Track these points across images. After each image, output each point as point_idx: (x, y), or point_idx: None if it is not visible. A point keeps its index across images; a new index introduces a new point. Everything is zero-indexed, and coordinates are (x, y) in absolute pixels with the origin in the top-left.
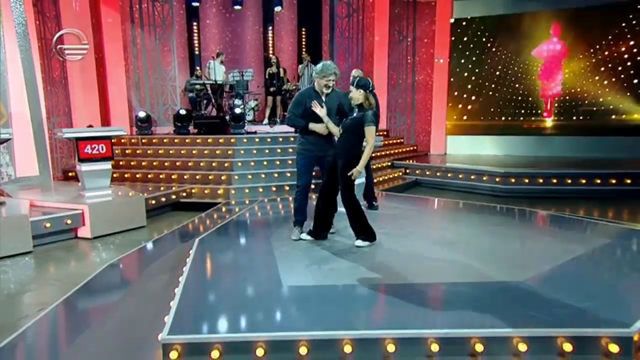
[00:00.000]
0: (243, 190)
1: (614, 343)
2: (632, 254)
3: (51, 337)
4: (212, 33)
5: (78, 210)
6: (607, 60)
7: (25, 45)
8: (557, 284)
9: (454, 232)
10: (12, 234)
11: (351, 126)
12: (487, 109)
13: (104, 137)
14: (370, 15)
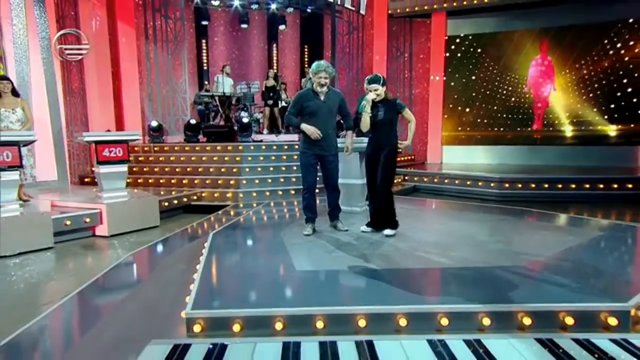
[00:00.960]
0: (251, 194)
1: (612, 316)
2: (622, 243)
3: (79, 316)
4: (219, 50)
5: (96, 210)
6: (591, 75)
7: (48, 58)
8: (555, 267)
9: (453, 227)
10: (35, 230)
11: (387, 118)
12: (480, 120)
13: (121, 141)
14: (369, 32)
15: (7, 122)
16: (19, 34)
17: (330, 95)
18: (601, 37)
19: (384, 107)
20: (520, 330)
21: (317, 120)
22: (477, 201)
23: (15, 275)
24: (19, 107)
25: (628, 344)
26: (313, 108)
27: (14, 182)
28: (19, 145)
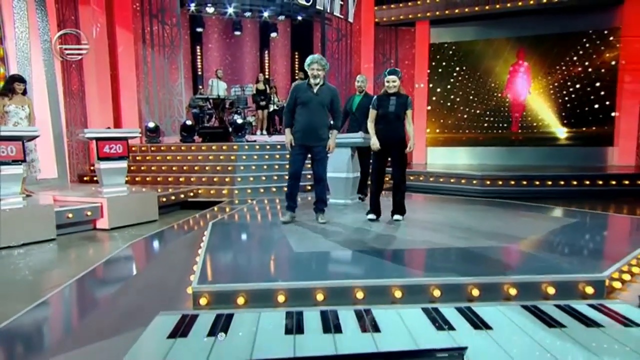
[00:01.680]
0: (245, 191)
1: (589, 286)
2: (596, 227)
3: (89, 294)
4: (213, 56)
5: (97, 204)
6: (563, 80)
7: (49, 60)
8: (536, 246)
9: (441, 215)
10: (38, 222)
11: (398, 111)
12: (462, 123)
13: (121, 137)
14: (357, 39)
15: (17, 118)
16: (21, 36)
17: (323, 90)
18: (572, 45)
19: (396, 100)
20: (507, 300)
21: (307, 111)
22: (461, 197)
23: (21, 263)
24: (27, 105)
25: (604, 308)
26: (305, 99)
27: (17, 176)
28: (23, 140)
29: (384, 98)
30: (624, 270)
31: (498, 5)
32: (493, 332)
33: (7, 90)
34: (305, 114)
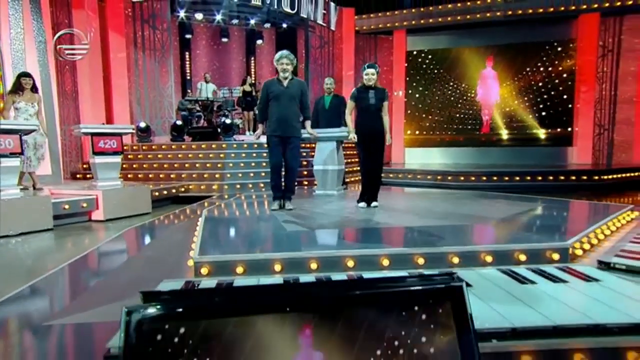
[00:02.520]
0: (234, 186)
1: (555, 253)
2: (559, 209)
3: (92, 269)
4: (202, 62)
5: (92, 196)
6: (528, 86)
7: (44, 61)
8: (509, 224)
9: (420, 203)
10: (35, 212)
11: (377, 104)
12: (436, 125)
13: (115, 133)
14: (339, 46)
15: (26, 114)
16: (16, 37)
17: (293, 83)
18: (535, 54)
19: (375, 93)
20: (483, 266)
21: (279, 104)
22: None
23: (19, 249)
24: (36, 101)
25: (568, 269)
26: (276, 93)
27: (15, 168)
28: (20, 134)
29: (363, 91)
30: (584, 241)
31: (469, 16)
32: (473, 288)
33: (16, 87)
34: (278, 107)
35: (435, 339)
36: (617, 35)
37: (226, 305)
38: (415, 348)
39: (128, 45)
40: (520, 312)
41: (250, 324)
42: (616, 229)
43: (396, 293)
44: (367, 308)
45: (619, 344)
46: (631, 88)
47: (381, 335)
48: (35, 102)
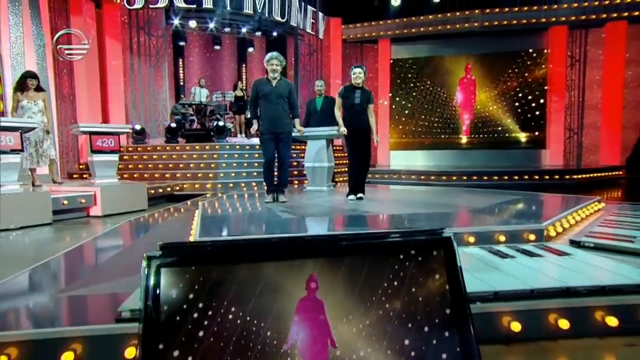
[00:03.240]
0: (228, 185)
1: (532, 234)
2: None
3: (95, 253)
4: (194, 68)
5: (91, 192)
6: (504, 92)
7: (42, 64)
8: (489, 211)
9: (406, 195)
10: (35, 207)
11: (363, 104)
12: (419, 129)
13: (112, 132)
14: (327, 54)
15: (30, 112)
16: (16, 42)
17: (281, 83)
18: (510, 62)
19: (361, 93)
20: (466, 246)
21: (269, 102)
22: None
23: (20, 240)
24: (40, 100)
25: (544, 247)
26: (265, 92)
27: (16, 165)
28: (21, 132)
29: (350, 90)
30: (557, 225)
31: (449, 26)
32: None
33: (20, 86)
34: (268, 105)
35: (429, 282)
36: (583, 47)
37: (238, 253)
38: (412, 288)
39: (124, 50)
40: (501, 280)
41: (261, 270)
42: (585, 217)
43: (394, 242)
44: (367, 255)
45: (587, 303)
46: (597, 95)
47: (381, 278)
48: (39, 100)
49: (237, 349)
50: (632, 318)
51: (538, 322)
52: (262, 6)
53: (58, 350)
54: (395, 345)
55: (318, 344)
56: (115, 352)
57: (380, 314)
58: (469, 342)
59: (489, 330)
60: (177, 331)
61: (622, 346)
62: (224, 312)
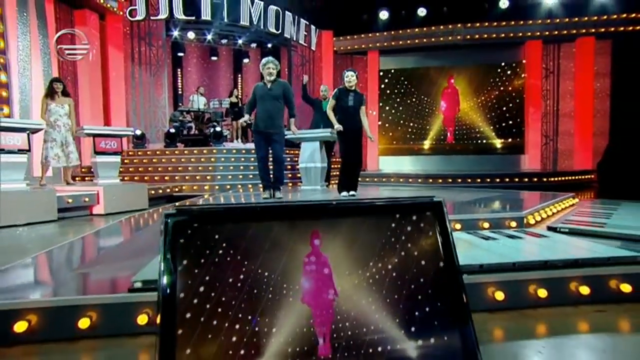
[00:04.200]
0: (225, 187)
1: (513, 221)
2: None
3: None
4: (192, 78)
5: (94, 191)
6: (485, 101)
7: (48, 71)
8: (475, 203)
9: (392, 193)
10: (41, 204)
11: (356, 106)
12: (406, 136)
13: (115, 135)
14: (319, 65)
15: (56, 115)
16: (23, 49)
17: (275, 85)
18: (490, 74)
19: (354, 96)
20: (456, 231)
21: (263, 104)
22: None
23: (26, 234)
24: (66, 104)
25: (523, 230)
26: (261, 94)
27: (23, 164)
28: (28, 132)
29: (344, 92)
30: (536, 215)
31: (433, 39)
32: None
33: (49, 91)
34: (262, 107)
35: (423, 239)
36: (556, 60)
37: (247, 214)
38: (407, 244)
39: (126, 60)
40: (485, 256)
41: (269, 228)
42: (561, 209)
43: (390, 205)
44: (366, 216)
45: (563, 274)
46: (570, 104)
47: (379, 235)
48: (65, 104)
49: (249, 297)
50: (602, 288)
51: (519, 292)
52: (257, 19)
53: (75, 317)
54: (393, 295)
55: (323, 294)
56: (128, 319)
57: (379, 266)
58: (460, 291)
59: (475, 300)
60: (193, 281)
61: (593, 312)
62: (236, 264)
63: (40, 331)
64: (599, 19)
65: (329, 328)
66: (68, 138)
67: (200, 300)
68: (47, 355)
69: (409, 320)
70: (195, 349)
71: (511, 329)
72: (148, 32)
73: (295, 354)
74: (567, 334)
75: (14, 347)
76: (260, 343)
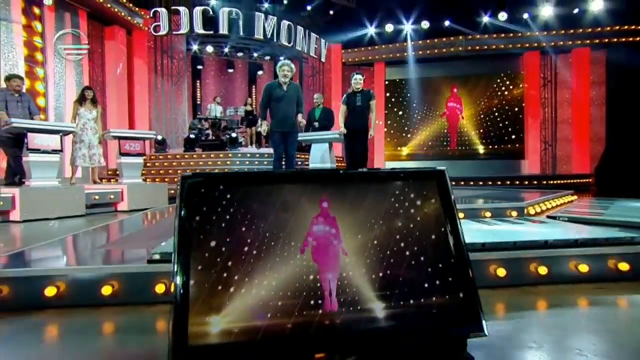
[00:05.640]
0: None
1: (514, 211)
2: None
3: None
4: (210, 89)
5: (119, 189)
6: (486, 109)
7: (80, 81)
8: (478, 196)
9: None
10: (71, 200)
11: (364, 105)
12: (412, 142)
13: (138, 137)
14: (328, 75)
15: (85, 119)
16: (59, 62)
17: (290, 87)
18: (491, 83)
19: (361, 96)
20: None
21: (281, 105)
22: None
23: (59, 227)
24: (95, 110)
25: (524, 219)
26: (277, 96)
27: (56, 164)
28: (61, 134)
29: (352, 95)
30: (536, 206)
31: (436, 51)
32: None
33: (81, 97)
34: (280, 108)
35: (426, 204)
36: (554, 69)
37: (258, 178)
38: (411, 209)
39: (149, 71)
40: (488, 236)
41: (279, 191)
42: (561, 204)
43: (395, 173)
44: (372, 182)
45: (563, 253)
46: (567, 112)
47: (385, 199)
48: (94, 109)
49: (259, 253)
50: (600, 266)
51: (520, 270)
52: (271, 33)
53: (98, 285)
54: (397, 255)
55: (330, 252)
56: (147, 288)
57: (384, 229)
58: (461, 251)
59: (478, 277)
60: (205, 236)
61: (592, 289)
62: (247, 223)
63: (68, 297)
64: (593, 31)
65: (335, 284)
66: (93, 141)
67: (211, 254)
68: (73, 318)
69: (411, 280)
70: (206, 300)
71: (512, 303)
72: (170, 46)
73: (302, 308)
74: (567, 307)
75: (45, 310)
76: (269, 296)
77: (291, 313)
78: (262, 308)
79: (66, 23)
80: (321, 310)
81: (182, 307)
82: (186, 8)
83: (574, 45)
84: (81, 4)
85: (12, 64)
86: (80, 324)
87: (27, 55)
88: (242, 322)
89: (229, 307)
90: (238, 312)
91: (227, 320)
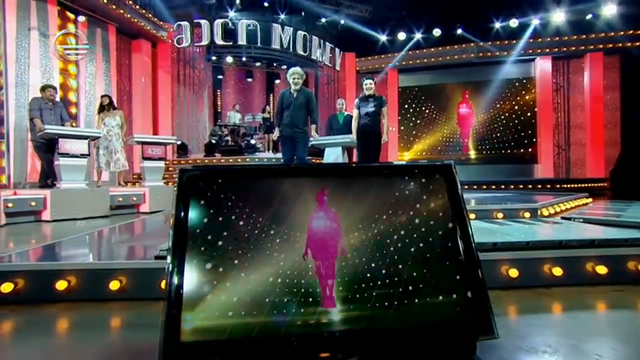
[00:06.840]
0: None
1: (527, 212)
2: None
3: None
4: (230, 97)
5: (141, 192)
6: (499, 114)
7: (108, 90)
8: (491, 198)
9: None
10: (97, 201)
11: (376, 110)
12: (425, 147)
13: (160, 142)
14: (342, 83)
15: (109, 126)
16: (90, 73)
17: (300, 94)
18: (503, 89)
19: (373, 100)
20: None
21: (289, 111)
22: None
23: (85, 226)
24: (117, 116)
25: (538, 219)
26: (288, 102)
27: (84, 167)
28: (89, 140)
29: (364, 99)
30: (550, 208)
31: (448, 57)
32: None
33: (99, 106)
34: (288, 114)
35: (432, 200)
36: (566, 75)
37: (257, 171)
38: (416, 204)
39: (172, 81)
40: (499, 236)
41: (278, 184)
42: (575, 206)
43: (400, 167)
44: (376, 176)
45: (579, 254)
46: (580, 116)
47: (388, 194)
48: (117, 116)
49: (256, 247)
50: (619, 268)
51: (533, 271)
52: (287, 43)
53: (107, 279)
54: (401, 253)
55: (330, 248)
56: (153, 283)
57: (388, 224)
58: (470, 248)
59: (489, 277)
60: (202, 229)
61: (611, 292)
62: (245, 216)
63: (78, 291)
64: (606, 36)
65: (334, 281)
66: (116, 147)
67: (207, 247)
68: (83, 311)
69: (416, 277)
70: (201, 295)
71: (525, 305)
72: (192, 57)
73: (300, 304)
74: (584, 310)
75: (56, 304)
76: (265, 292)
77: (288, 310)
78: (257, 304)
79: (97, 38)
80: (319, 308)
81: (175, 302)
82: (207, 21)
83: (587, 50)
84: (111, 20)
85: (49, 76)
86: (89, 318)
87: (61, 68)
88: (236, 318)
89: (224, 303)
90: (233, 308)
91: (221, 316)
